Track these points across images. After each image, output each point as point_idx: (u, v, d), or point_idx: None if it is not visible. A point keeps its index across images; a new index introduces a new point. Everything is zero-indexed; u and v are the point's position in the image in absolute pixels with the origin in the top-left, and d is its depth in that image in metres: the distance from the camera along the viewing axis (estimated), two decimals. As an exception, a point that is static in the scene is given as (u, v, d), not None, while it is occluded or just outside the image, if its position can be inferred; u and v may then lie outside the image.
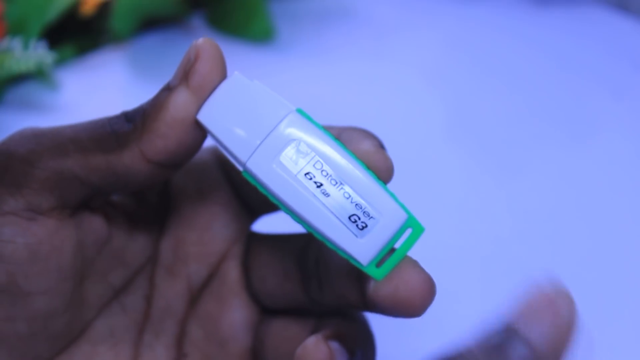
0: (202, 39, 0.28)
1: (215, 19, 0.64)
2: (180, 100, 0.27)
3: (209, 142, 0.29)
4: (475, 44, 0.64)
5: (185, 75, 0.27)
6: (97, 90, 0.58)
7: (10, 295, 0.28)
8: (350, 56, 0.62)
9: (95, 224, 0.30)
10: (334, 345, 0.27)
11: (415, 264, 0.27)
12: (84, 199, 0.29)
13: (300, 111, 0.27)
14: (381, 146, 0.29)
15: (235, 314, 0.32)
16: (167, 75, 0.28)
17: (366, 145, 0.28)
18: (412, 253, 0.27)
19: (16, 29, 0.56)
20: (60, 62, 0.58)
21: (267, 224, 0.35)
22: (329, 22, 0.65)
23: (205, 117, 0.27)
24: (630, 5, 0.67)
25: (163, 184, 0.33)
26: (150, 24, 0.63)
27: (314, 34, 0.64)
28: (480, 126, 0.57)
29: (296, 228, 0.29)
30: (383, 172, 0.28)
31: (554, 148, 0.55)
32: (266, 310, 0.33)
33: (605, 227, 0.50)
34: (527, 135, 0.56)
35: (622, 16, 0.67)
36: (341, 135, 0.29)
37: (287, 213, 0.27)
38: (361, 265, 0.26)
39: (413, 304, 0.26)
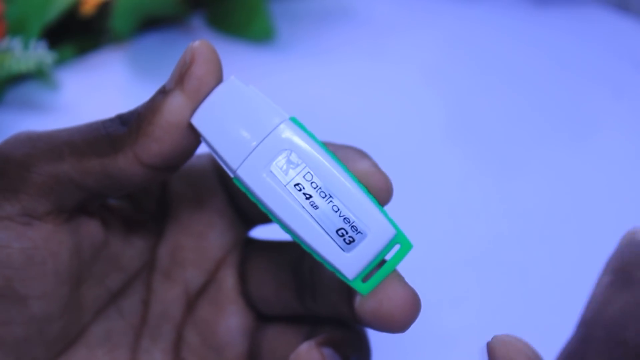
0: (198, 41, 0.27)
1: (215, 19, 0.64)
2: (175, 104, 0.27)
3: (206, 148, 0.29)
4: (475, 43, 0.64)
5: (180, 78, 0.27)
6: (97, 90, 0.58)
7: (6, 299, 0.28)
8: (350, 56, 0.62)
9: (92, 229, 0.30)
10: (327, 351, 0.27)
11: (400, 279, 0.27)
12: (80, 203, 0.29)
13: (294, 120, 0.27)
14: (379, 166, 0.29)
15: (231, 320, 0.32)
16: (167, 75, 0.28)
17: (366, 165, 0.28)
18: (408, 261, 0.27)
19: (16, 29, 0.56)
20: (60, 62, 0.58)
21: (267, 230, 0.35)
22: (329, 22, 0.65)
23: (198, 121, 0.27)
24: (630, 5, 0.67)
25: (161, 189, 0.33)
26: (150, 24, 0.63)
27: (314, 34, 0.64)
28: (480, 126, 0.57)
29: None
30: (383, 193, 0.28)
31: (554, 147, 0.55)
32: (262, 316, 0.33)
33: (605, 227, 0.50)
34: (528, 134, 0.56)
35: (622, 16, 0.67)
36: (336, 153, 0.29)
37: (276, 222, 0.27)
38: (347, 279, 0.26)
39: (396, 319, 0.26)
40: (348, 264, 0.26)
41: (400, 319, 0.26)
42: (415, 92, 0.59)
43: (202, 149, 0.29)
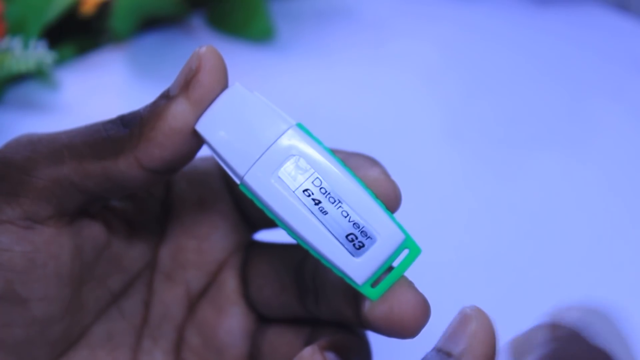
0: (205, 48, 0.27)
1: (215, 18, 0.64)
2: (179, 110, 0.27)
3: (208, 152, 0.29)
4: (474, 43, 0.64)
5: (185, 85, 0.27)
6: (97, 90, 0.58)
7: (8, 301, 0.28)
8: (350, 56, 0.62)
9: (94, 230, 0.30)
10: (330, 355, 0.27)
11: (410, 285, 0.27)
12: (81, 206, 0.29)
13: (300, 126, 0.27)
14: (389, 174, 0.29)
15: (232, 322, 0.32)
16: (167, 75, 0.28)
17: (376, 173, 0.28)
18: (410, 269, 0.27)
19: (16, 28, 0.56)
20: (60, 62, 0.58)
21: (269, 232, 0.35)
22: (329, 22, 0.65)
23: (203, 128, 0.27)
24: (630, 5, 0.67)
25: (165, 191, 0.33)
26: (150, 23, 0.63)
27: (314, 34, 0.64)
28: (479, 126, 0.57)
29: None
30: (392, 201, 0.28)
31: (554, 149, 0.55)
32: (263, 318, 0.33)
33: (604, 229, 0.50)
34: (527, 136, 0.56)
35: (622, 16, 0.67)
36: (347, 161, 0.29)
37: (284, 228, 0.27)
38: (356, 284, 0.26)
39: (407, 325, 0.27)
40: (357, 269, 0.26)
41: (411, 324, 0.27)
42: (415, 92, 0.59)
43: (204, 152, 0.29)
